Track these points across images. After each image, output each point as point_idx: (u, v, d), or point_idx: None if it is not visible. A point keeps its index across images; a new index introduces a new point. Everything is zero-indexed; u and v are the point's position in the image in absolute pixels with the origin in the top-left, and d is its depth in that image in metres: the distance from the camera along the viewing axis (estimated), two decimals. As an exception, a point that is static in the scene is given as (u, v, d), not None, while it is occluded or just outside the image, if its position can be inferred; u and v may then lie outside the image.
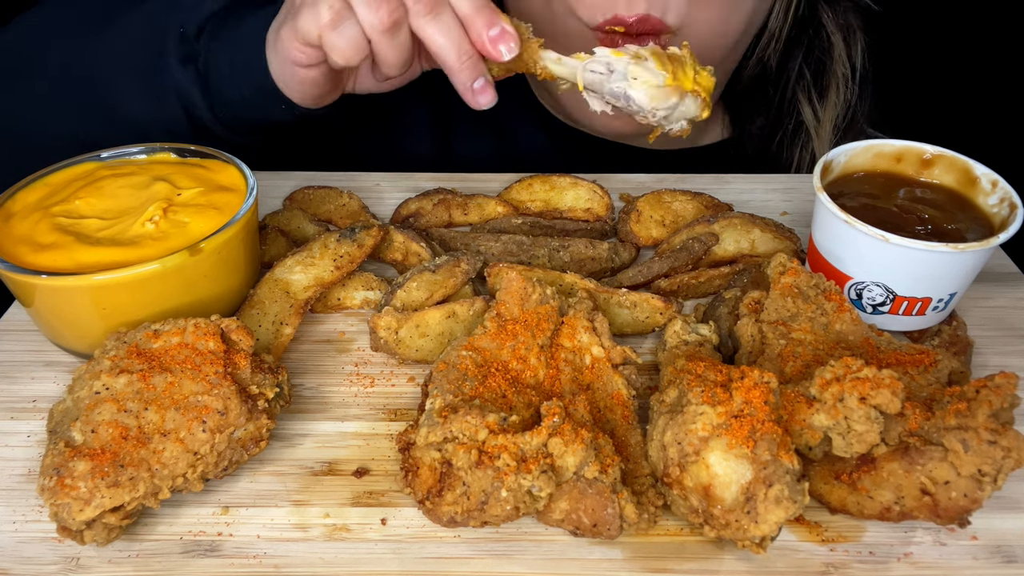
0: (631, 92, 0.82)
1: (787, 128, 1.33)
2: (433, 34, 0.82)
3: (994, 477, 0.62)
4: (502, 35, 0.82)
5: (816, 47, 1.28)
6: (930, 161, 0.92)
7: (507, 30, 0.82)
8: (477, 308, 0.86)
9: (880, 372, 0.65)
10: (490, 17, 0.82)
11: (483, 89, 0.86)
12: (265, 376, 0.75)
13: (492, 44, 0.82)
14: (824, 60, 1.28)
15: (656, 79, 0.81)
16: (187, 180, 0.88)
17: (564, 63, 0.85)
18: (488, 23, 0.82)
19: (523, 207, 1.08)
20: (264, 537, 0.69)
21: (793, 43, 1.27)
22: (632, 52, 0.83)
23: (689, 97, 0.83)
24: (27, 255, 0.78)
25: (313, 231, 1.02)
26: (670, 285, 0.94)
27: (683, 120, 0.85)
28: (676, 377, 0.73)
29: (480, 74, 0.85)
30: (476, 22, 0.82)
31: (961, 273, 0.82)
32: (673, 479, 0.65)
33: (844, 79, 1.29)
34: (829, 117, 1.31)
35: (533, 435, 0.65)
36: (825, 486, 0.69)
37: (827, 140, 1.31)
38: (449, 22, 0.82)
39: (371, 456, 0.76)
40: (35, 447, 0.76)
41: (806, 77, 1.29)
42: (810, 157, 1.33)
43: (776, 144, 1.34)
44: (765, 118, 1.35)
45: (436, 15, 0.82)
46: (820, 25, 1.27)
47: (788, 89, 1.30)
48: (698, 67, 0.84)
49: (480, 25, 0.82)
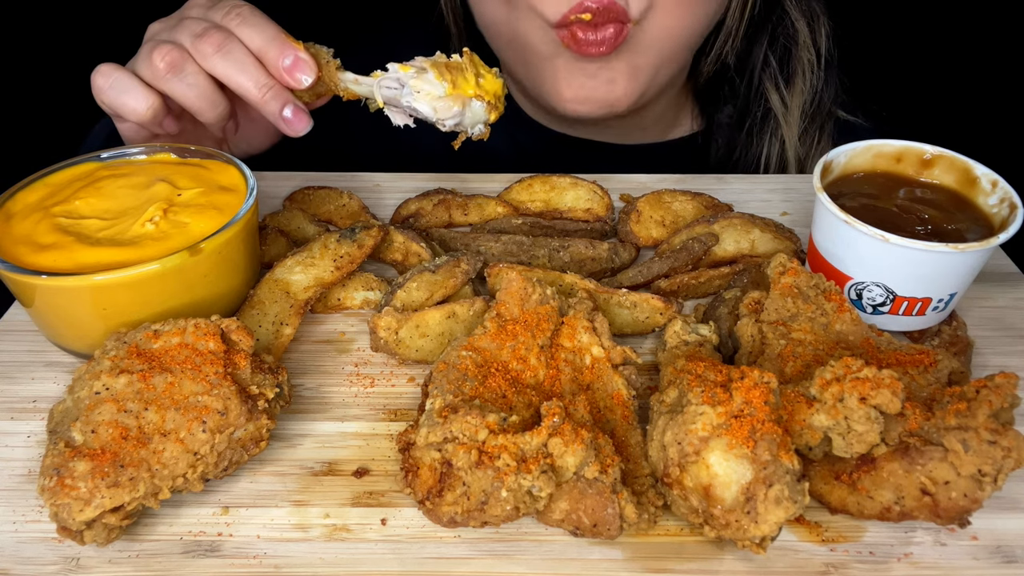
0: (416, 104, 0.85)
1: (756, 116, 1.33)
2: (226, 71, 0.86)
3: (994, 477, 0.62)
4: (296, 64, 0.85)
5: (780, 34, 1.28)
6: (930, 161, 0.92)
7: (301, 57, 0.85)
8: (477, 308, 0.86)
9: (880, 372, 0.65)
10: (281, 48, 0.85)
11: (295, 116, 0.88)
12: (265, 376, 0.75)
13: (288, 73, 0.85)
14: (789, 47, 1.29)
15: (436, 90, 0.84)
16: (187, 180, 0.88)
17: (361, 83, 0.88)
18: (280, 53, 0.85)
19: (523, 207, 1.08)
20: (264, 537, 0.69)
21: (758, 31, 1.28)
22: (417, 65, 0.85)
23: (474, 102, 0.85)
24: (27, 255, 0.78)
25: (313, 231, 1.02)
26: (670, 285, 0.94)
27: (479, 124, 0.88)
28: (676, 377, 0.73)
29: (287, 102, 0.87)
30: (268, 54, 0.85)
31: (961, 273, 0.82)
32: (673, 479, 0.65)
33: (810, 64, 1.30)
34: (797, 103, 1.31)
35: (533, 435, 0.65)
36: (825, 486, 0.69)
37: (795, 126, 1.32)
38: (240, 57, 0.85)
39: (371, 456, 0.76)
40: (35, 447, 0.76)
41: (772, 65, 1.30)
42: (780, 144, 1.34)
43: (745, 133, 1.35)
44: (733, 106, 1.35)
45: (224, 53, 0.85)
46: (784, 12, 1.27)
47: (755, 77, 1.31)
48: (483, 70, 0.87)
49: (273, 56, 0.85)
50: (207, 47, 0.86)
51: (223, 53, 0.86)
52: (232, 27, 0.87)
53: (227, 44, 0.86)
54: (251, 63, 0.86)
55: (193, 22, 0.89)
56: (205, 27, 0.87)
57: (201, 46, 0.86)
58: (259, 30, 0.87)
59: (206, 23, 0.89)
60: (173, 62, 0.87)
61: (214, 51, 0.85)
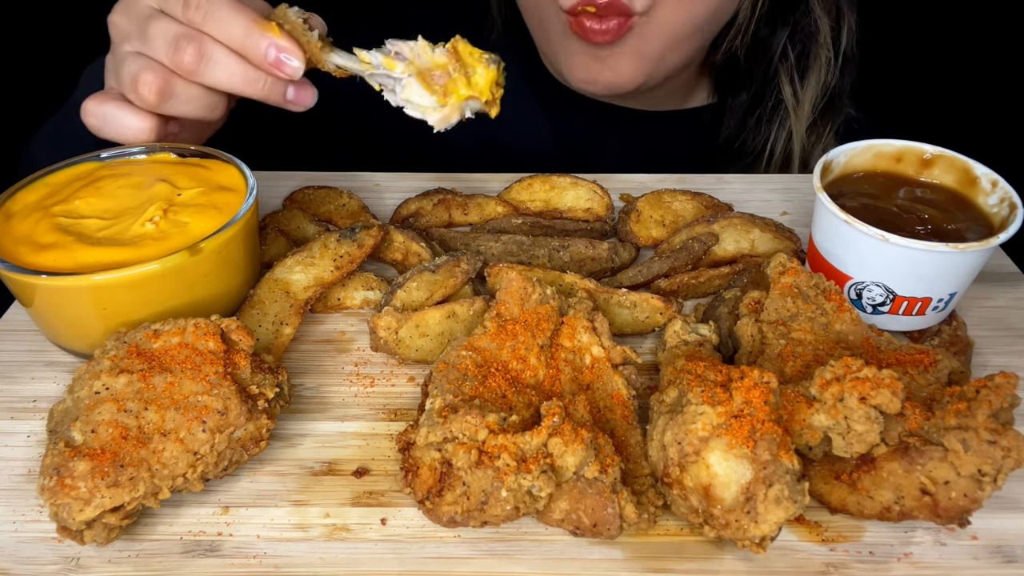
0: (407, 110, 0.84)
1: (767, 105, 1.35)
2: (217, 80, 0.83)
3: (994, 477, 0.62)
4: (279, 57, 0.82)
5: (802, 28, 1.29)
6: (930, 161, 0.92)
7: (282, 46, 0.82)
8: (477, 308, 0.86)
9: (880, 372, 0.65)
10: (258, 41, 0.81)
11: (299, 94, 0.87)
12: (265, 376, 0.75)
13: (276, 67, 0.83)
14: (808, 43, 1.30)
15: (426, 102, 0.82)
16: (187, 180, 0.88)
17: (349, 68, 0.85)
18: (260, 48, 0.82)
19: (523, 207, 1.08)
20: (264, 537, 0.69)
21: (780, 21, 1.29)
22: (402, 66, 0.82)
23: (469, 103, 0.83)
24: (27, 255, 0.78)
25: (313, 231, 1.02)
26: (670, 285, 0.94)
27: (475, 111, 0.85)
28: (676, 377, 0.73)
29: (286, 85, 0.85)
30: (250, 52, 0.82)
31: (961, 273, 0.82)
32: (673, 479, 0.65)
33: (827, 62, 1.31)
34: (808, 98, 1.33)
35: (533, 435, 0.65)
36: (825, 486, 0.69)
37: (804, 120, 1.34)
38: (224, 62, 0.83)
39: (371, 456, 0.76)
40: (35, 447, 0.76)
41: (790, 58, 1.31)
42: (787, 135, 1.35)
43: (755, 119, 1.37)
44: (748, 92, 1.37)
45: (207, 62, 0.82)
46: (809, 7, 1.28)
47: (772, 66, 1.32)
48: (474, 63, 0.82)
49: (254, 54, 0.82)
50: (188, 61, 0.82)
51: (205, 62, 0.82)
52: (201, 26, 0.83)
53: (205, 50, 0.82)
54: (237, 65, 0.83)
55: (159, 24, 0.84)
56: (175, 34, 0.83)
57: (181, 61, 0.82)
58: (230, 24, 0.82)
59: (173, 25, 0.84)
60: (161, 90, 0.84)
61: (195, 63, 0.82)
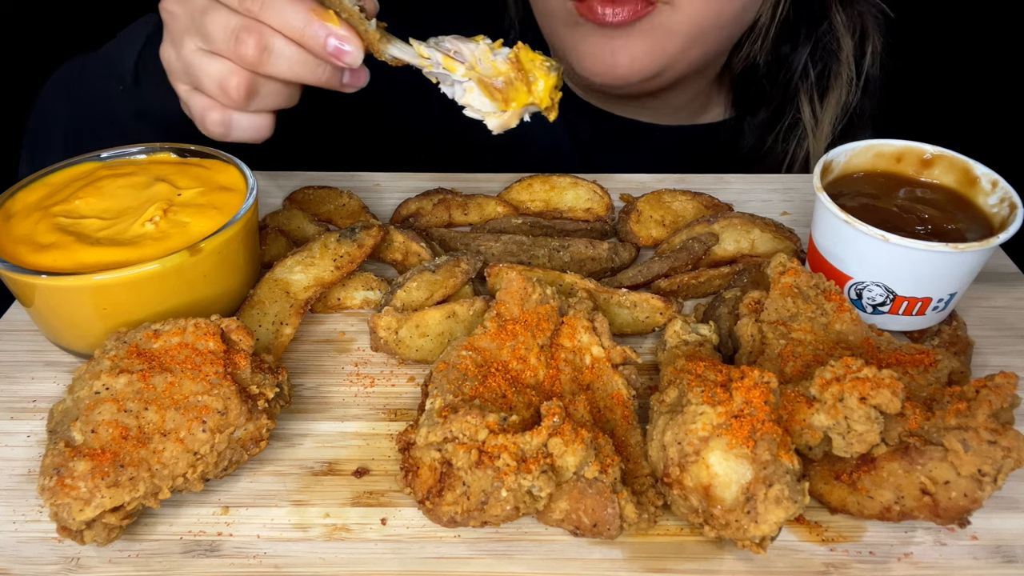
0: (466, 112, 0.83)
1: (784, 124, 1.33)
2: (280, 71, 0.82)
3: (994, 477, 0.62)
4: (339, 47, 0.80)
5: (823, 46, 1.28)
6: (930, 161, 0.92)
7: (341, 35, 0.80)
8: (477, 308, 0.86)
9: (880, 372, 0.65)
10: (318, 30, 0.80)
11: (354, 77, 0.85)
12: (265, 376, 0.75)
13: (335, 57, 0.81)
14: (830, 62, 1.28)
15: (487, 107, 0.82)
16: (187, 180, 0.88)
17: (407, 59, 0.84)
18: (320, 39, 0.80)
19: (523, 207, 1.08)
20: (264, 537, 0.69)
21: (799, 38, 1.27)
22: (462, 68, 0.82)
23: (529, 108, 0.82)
24: (27, 255, 0.78)
25: (313, 231, 1.02)
26: (670, 285, 0.94)
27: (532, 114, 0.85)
28: (676, 377, 0.73)
29: (342, 72, 0.84)
30: (308, 41, 0.80)
31: (961, 273, 0.82)
32: (673, 479, 0.65)
33: (848, 82, 1.29)
34: (828, 118, 1.31)
35: (533, 435, 0.65)
36: (825, 486, 0.69)
37: (823, 140, 1.32)
38: (286, 52, 0.81)
39: (371, 456, 0.76)
40: (35, 447, 0.76)
41: (810, 77, 1.29)
42: (804, 154, 1.34)
43: (773, 137, 1.35)
44: (767, 109, 1.35)
45: (270, 54, 0.80)
46: (831, 27, 1.26)
47: (792, 84, 1.30)
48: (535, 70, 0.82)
49: (314, 44, 0.80)
50: (250, 54, 0.80)
51: (267, 54, 0.80)
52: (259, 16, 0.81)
53: (266, 42, 0.80)
54: (298, 54, 0.81)
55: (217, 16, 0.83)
56: (234, 26, 0.81)
57: (243, 54, 0.81)
58: (288, 13, 0.80)
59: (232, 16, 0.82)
60: (248, 90, 0.82)
61: (257, 55, 0.80)
